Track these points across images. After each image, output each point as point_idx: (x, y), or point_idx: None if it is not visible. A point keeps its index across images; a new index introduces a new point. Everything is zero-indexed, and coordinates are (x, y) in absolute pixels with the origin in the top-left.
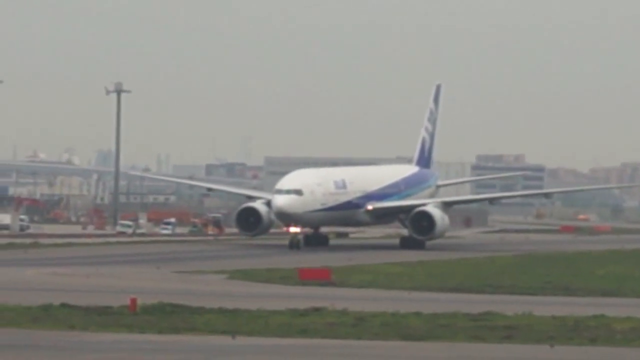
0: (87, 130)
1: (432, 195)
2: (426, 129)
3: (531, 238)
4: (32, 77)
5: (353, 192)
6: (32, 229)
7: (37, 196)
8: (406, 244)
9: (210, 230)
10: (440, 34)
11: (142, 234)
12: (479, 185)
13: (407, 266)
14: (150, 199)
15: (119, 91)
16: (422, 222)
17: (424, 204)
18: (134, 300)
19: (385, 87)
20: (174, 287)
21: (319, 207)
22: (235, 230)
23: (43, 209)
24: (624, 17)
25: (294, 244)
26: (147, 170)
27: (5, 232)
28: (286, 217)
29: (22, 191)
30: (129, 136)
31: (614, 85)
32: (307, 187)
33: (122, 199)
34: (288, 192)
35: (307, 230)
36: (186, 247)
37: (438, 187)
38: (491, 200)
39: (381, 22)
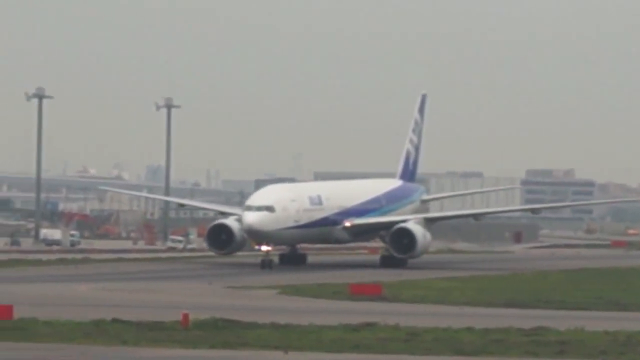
0: (136, 146)
1: (416, 211)
2: (411, 141)
3: (582, 253)
4: (82, 93)
5: (330, 208)
6: (83, 245)
7: (87, 212)
8: (386, 262)
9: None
10: (500, 46)
11: (193, 249)
12: (528, 200)
13: (458, 281)
14: (200, 214)
15: (169, 106)
16: (402, 240)
17: (404, 220)
18: (186, 316)
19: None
20: (226, 302)
21: (292, 224)
22: None
23: (93, 225)
24: None
25: (266, 264)
26: (197, 185)
27: (56, 247)
28: (256, 235)
29: (73, 207)
30: (178, 151)
31: None
32: (279, 203)
33: (172, 214)
34: (259, 208)
35: (283, 248)
36: (236, 261)
37: (423, 202)
38: (475, 217)
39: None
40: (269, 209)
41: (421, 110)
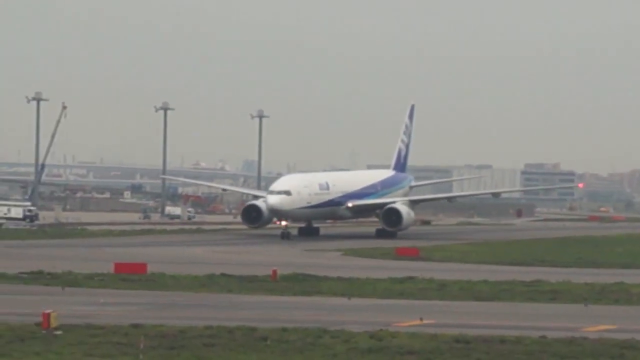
0: (236, 145)
1: (405, 195)
2: (402, 141)
3: (566, 225)
4: (197, 105)
5: (335, 192)
6: (197, 218)
7: (200, 194)
8: (380, 234)
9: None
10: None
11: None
12: (526, 186)
13: (475, 245)
14: None
15: (260, 116)
16: (392, 217)
17: (393, 202)
18: (274, 271)
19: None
20: (305, 261)
21: (305, 204)
22: None
23: (204, 204)
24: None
25: (285, 235)
26: (280, 174)
27: (177, 220)
28: (277, 213)
29: (188, 190)
30: (267, 149)
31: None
32: (295, 188)
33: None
34: (279, 192)
35: (301, 223)
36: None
37: (411, 187)
38: (449, 199)
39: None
40: (287, 193)
41: (410, 116)
